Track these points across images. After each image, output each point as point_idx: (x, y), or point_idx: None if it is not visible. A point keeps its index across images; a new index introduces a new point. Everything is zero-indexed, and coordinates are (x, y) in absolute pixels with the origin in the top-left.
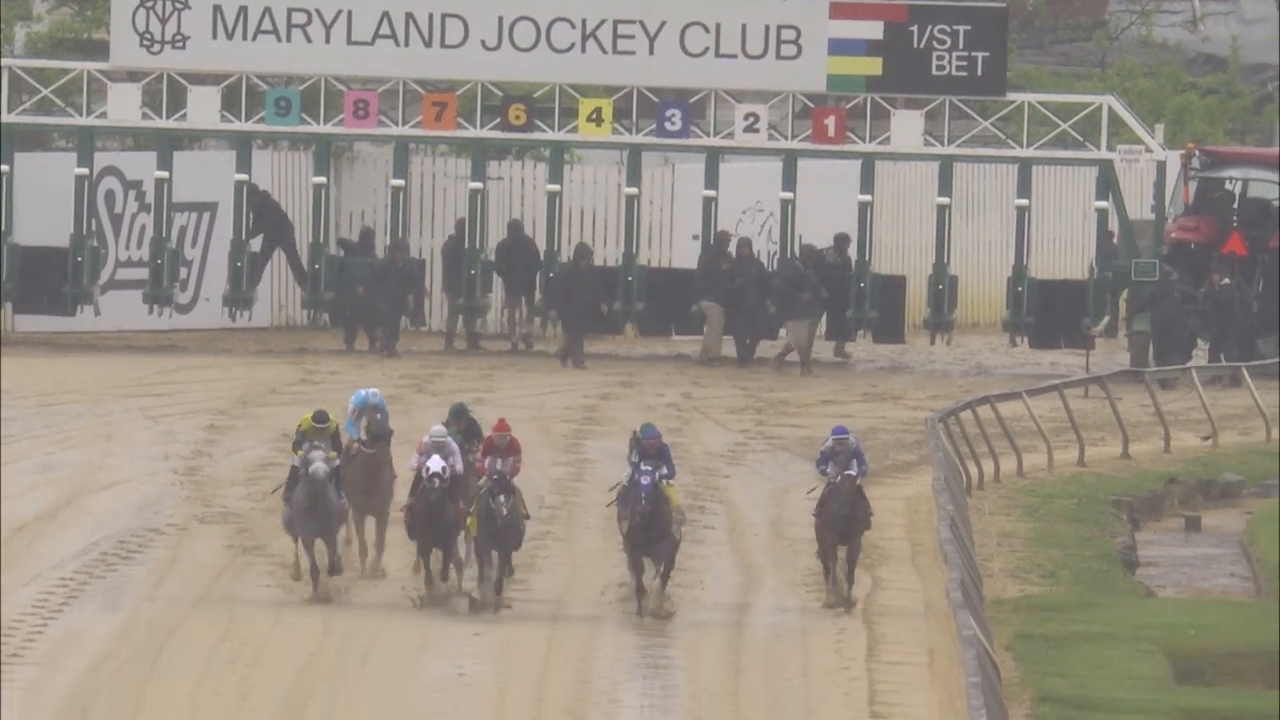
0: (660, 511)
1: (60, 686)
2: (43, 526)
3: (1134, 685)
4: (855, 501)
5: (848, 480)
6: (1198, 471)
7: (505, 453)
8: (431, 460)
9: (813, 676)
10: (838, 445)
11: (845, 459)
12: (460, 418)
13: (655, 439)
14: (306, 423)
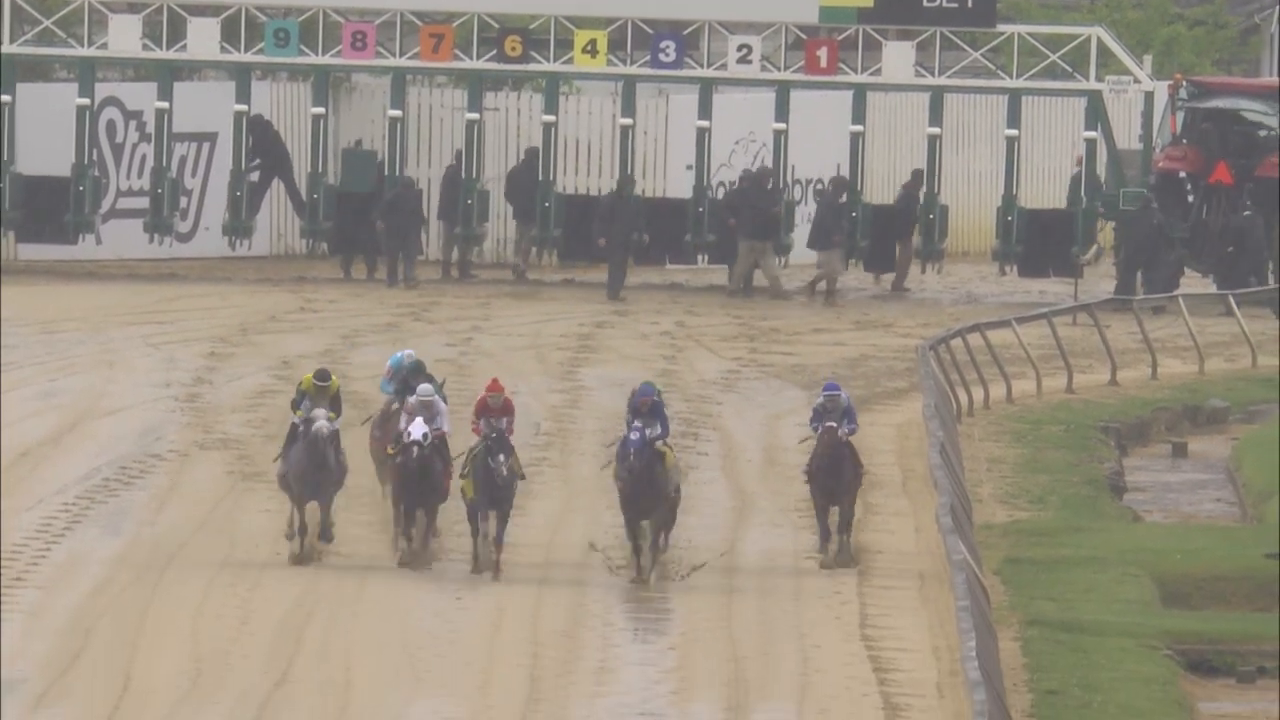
0: (654, 471)
1: (63, 610)
2: (45, 452)
3: (1121, 608)
4: (840, 457)
5: (829, 433)
6: (1184, 398)
7: (499, 413)
8: (414, 425)
9: (805, 600)
10: (829, 402)
11: (836, 417)
12: (418, 374)
13: (650, 397)
14: (308, 382)
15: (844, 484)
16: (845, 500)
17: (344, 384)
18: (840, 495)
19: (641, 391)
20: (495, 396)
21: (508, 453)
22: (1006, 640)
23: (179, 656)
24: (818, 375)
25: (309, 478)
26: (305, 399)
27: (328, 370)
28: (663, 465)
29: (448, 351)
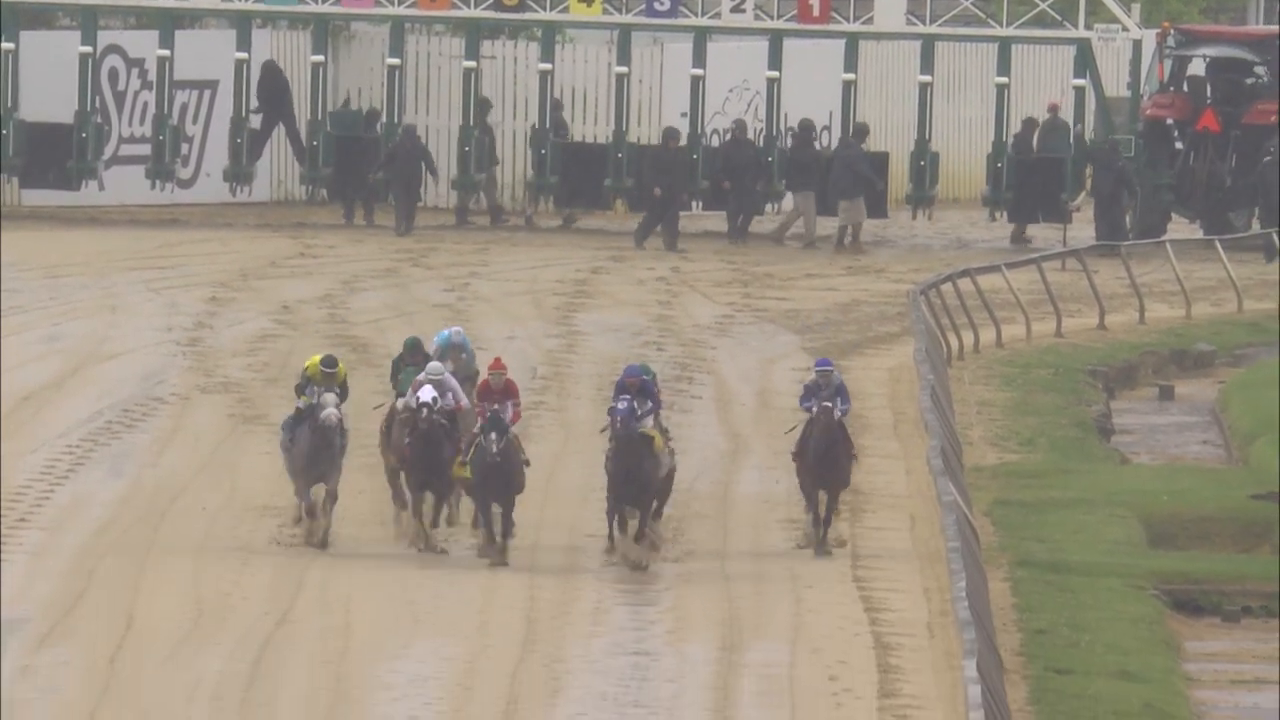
0: (642, 457)
1: (66, 551)
2: (49, 395)
3: (1108, 549)
4: (834, 438)
5: (825, 413)
6: (1171, 342)
7: (502, 395)
8: (423, 390)
9: (798, 539)
10: (821, 379)
11: (829, 394)
12: (415, 351)
13: (637, 377)
14: (314, 367)
15: (838, 469)
16: (837, 486)
17: (344, 329)
18: (833, 480)
19: (628, 371)
20: (496, 375)
21: (501, 432)
22: (996, 581)
23: (180, 597)
24: (811, 320)
25: (316, 462)
26: (311, 385)
27: (335, 357)
28: (651, 451)
29: (445, 297)
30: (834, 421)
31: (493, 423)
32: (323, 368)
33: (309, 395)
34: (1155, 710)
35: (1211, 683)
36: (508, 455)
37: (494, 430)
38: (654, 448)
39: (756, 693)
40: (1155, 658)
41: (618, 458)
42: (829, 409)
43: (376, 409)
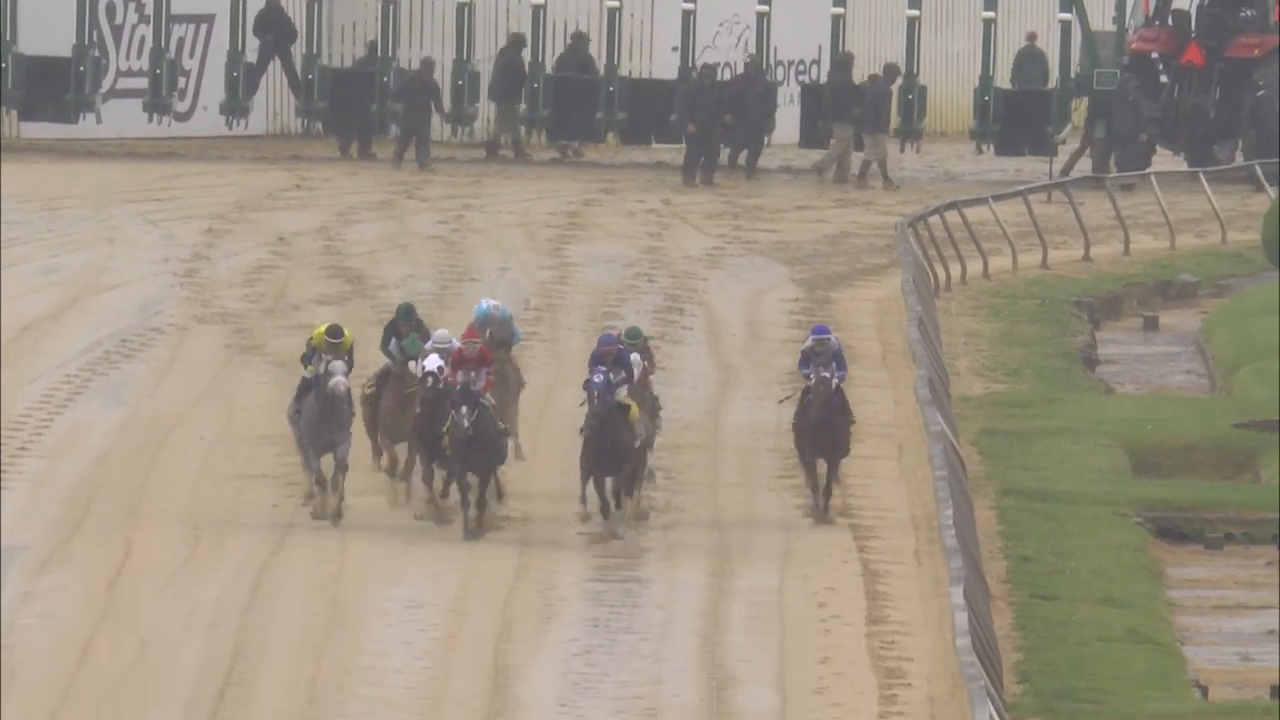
0: (618, 427)
1: (65, 479)
2: (48, 326)
3: (1094, 478)
4: (833, 407)
5: (824, 383)
6: (1155, 273)
7: (476, 364)
8: (429, 359)
9: (787, 470)
10: (818, 345)
11: (825, 360)
12: (409, 317)
13: (612, 345)
14: (319, 337)
15: (837, 438)
16: (836, 455)
17: (339, 260)
18: (831, 449)
19: (603, 340)
20: (470, 344)
21: (472, 405)
22: (982, 509)
23: (178, 525)
24: (800, 252)
25: (324, 431)
26: (316, 354)
27: (340, 326)
28: (627, 420)
29: (439, 229)
30: (832, 391)
31: (463, 395)
32: (328, 337)
33: (315, 364)
34: (1139, 635)
35: (1194, 609)
36: (482, 427)
37: (465, 403)
38: (630, 418)
39: (746, 619)
40: (1139, 584)
41: (594, 430)
42: (827, 379)
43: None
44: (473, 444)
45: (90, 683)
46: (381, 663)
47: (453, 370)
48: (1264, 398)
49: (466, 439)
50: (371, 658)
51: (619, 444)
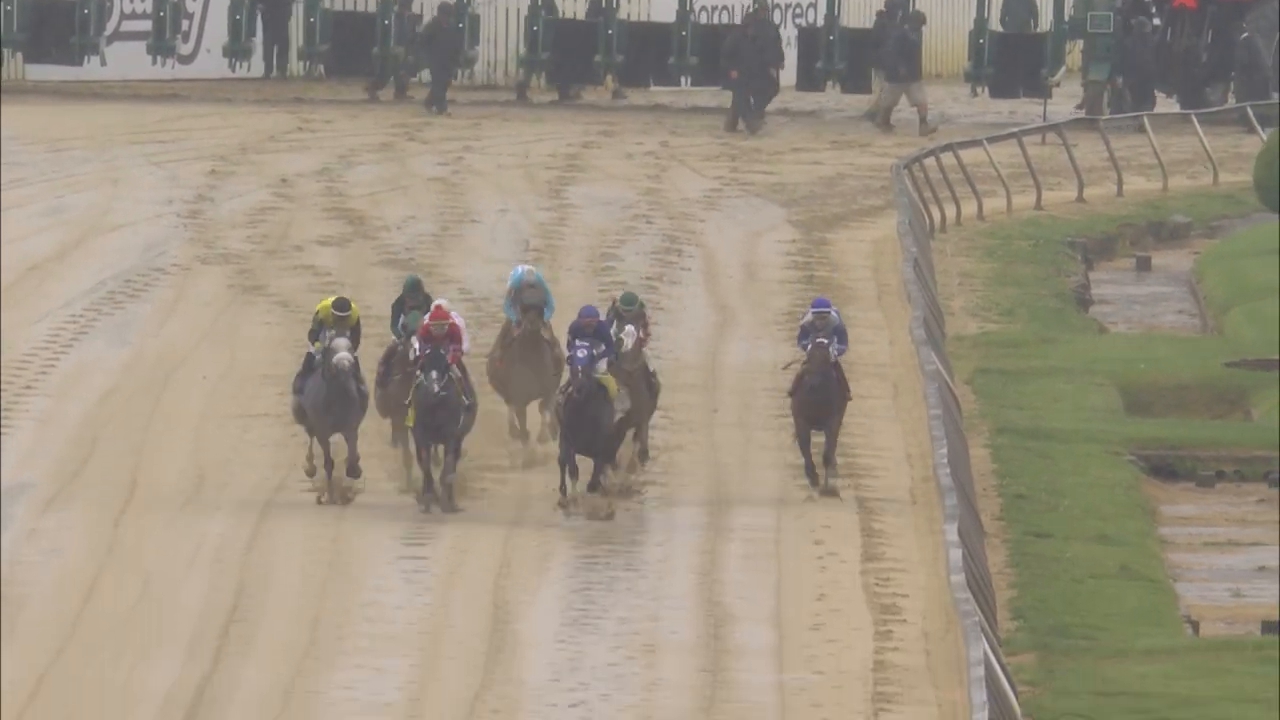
0: (597, 403)
1: (71, 417)
2: (53, 266)
3: (1087, 416)
4: (828, 376)
5: (819, 348)
6: (1148, 214)
7: (444, 341)
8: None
9: (784, 411)
10: (818, 320)
11: (826, 335)
12: (415, 292)
13: (593, 318)
14: (325, 311)
15: (831, 408)
16: (831, 426)
17: (341, 202)
18: (826, 421)
19: (584, 312)
20: (439, 324)
21: (442, 370)
22: (977, 447)
23: (183, 463)
24: (796, 194)
25: (331, 410)
26: (324, 329)
27: (347, 300)
28: (605, 396)
29: (440, 170)
30: (827, 357)
31: (432, 360)
32: (334, 311)
33: (321, 340)
34: (1131, 572)
35: (1186, 546)
36: (450, 392)
37: (434, 368)
38: (609, 395)
39: (743, 556)
40: (1131, 522)
41: (573, 406)
42: (823, 344)
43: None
44: (438, 411)
45: (95, 619)
46: (383, 599)
47: (419, 347)
48: (1255, 337)
49: (433, 405)
50: (373, 594)
51: (598, 422)
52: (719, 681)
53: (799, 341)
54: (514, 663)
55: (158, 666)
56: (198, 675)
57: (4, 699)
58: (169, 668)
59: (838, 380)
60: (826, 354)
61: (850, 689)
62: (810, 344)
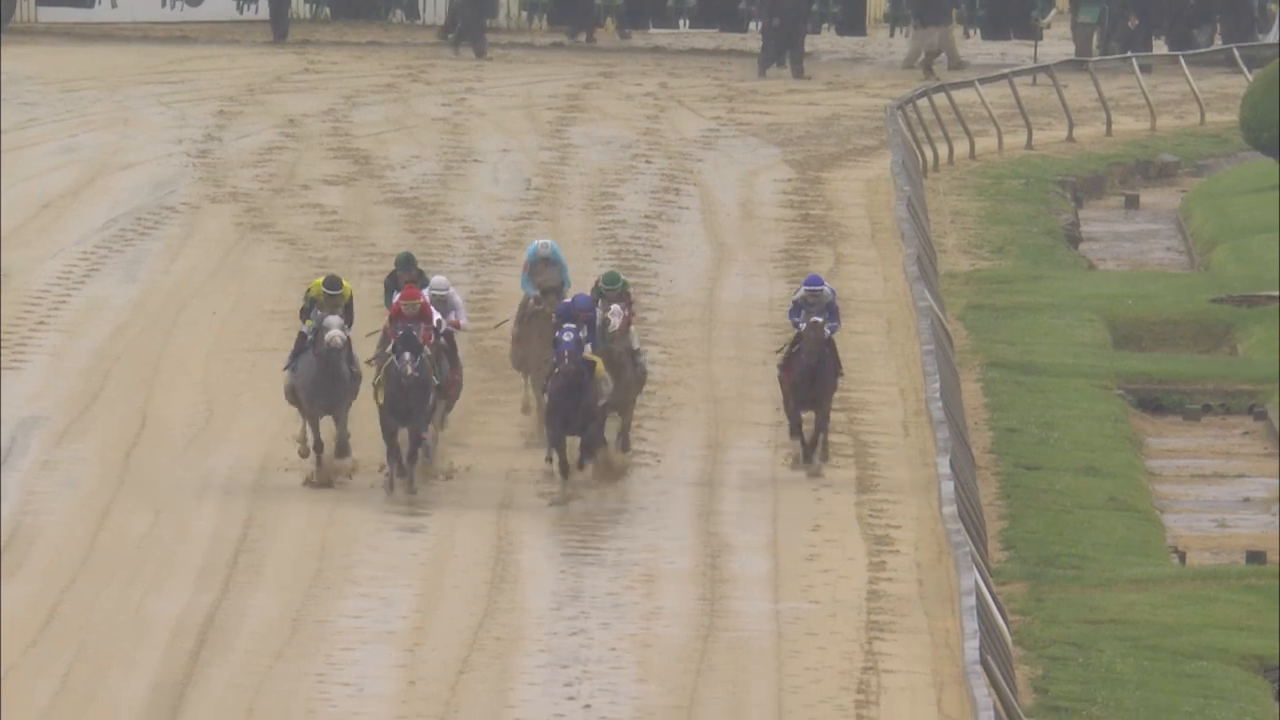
0: (584, 381)
1: (84, 352)
2: (66, 204)
3: (1076, 351)
4: (823, 355)
5: (814, 327)
6: (1137, 153)
7: (416, 320)
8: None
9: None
10: (810, 297)
11: (819, 312)
12: (409, 267)
13: (589, 311)
14: (317, 288)
15: (823, 388)
16: (823, 405)
17: (346, 142)
18: (818, 400)
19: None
20: (410, 304)
21: (415, 350)
22: (969, 382)
23: (192, 397)
24: (792, 134)
25: (322, 391)
26: (315, 307)
27: (338, 278)
28: (592, 376)
29: (443, 111)
30: (823, 337)
31: (405, 340)
32: (326, 289)
33: (313, 319)
34: (1119, 503)
35: (1173, 477)
36: (423, 374)
37: (407, 349)
38: (596, 374)
39: (740, 488)
40: (1119, 454)
41: (560, 387)
42: (818, 324)
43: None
44: (409, 393)
45: (108, 548)
46: (387, 529)
47: (389, 324)
48: (1241, 273)
49: (406, 386)
50: (377, 524)
51: (583, 403)
52: (716, 610)
53: (790, 317)
54: (516, 592)
55: (168, 595)
56: (207, 603)
57: (20, 625)
58: (179, 596)
59: (832, 359)
60: (822, 333)
61: (844, 618)
62: (804, 322)
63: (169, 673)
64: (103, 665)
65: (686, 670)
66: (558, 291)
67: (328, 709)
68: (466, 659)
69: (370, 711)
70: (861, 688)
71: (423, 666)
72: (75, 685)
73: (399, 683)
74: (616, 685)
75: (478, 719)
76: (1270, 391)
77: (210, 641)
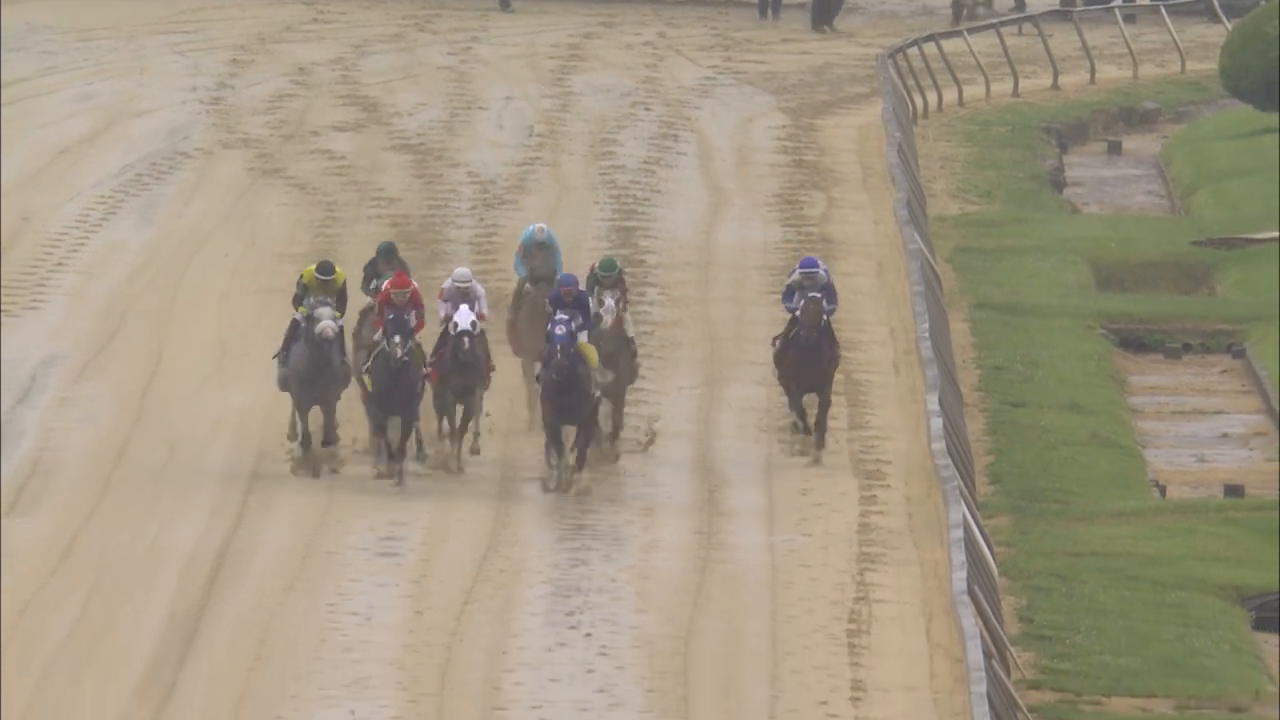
0: (578, 372)
1: (101, 293)
2: (83, 150)
3: (1061, 291)
4: (820, 333)
5: (813, 303)
6: (1119, 100)
7: (404, 309)
8: (460, 314)
9: (775, 285)
10: (806, 279)
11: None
12: (390, 257)
13: (572, 286)
14: (309, 275)
15: (821, 369)
16: (823, 388)
17: (355, 89)
18: (817, 383)
19: (564, 281)
20: (400, 292)
21: (405, 335)
22: (957, 321)
23: (206, 335)
24: (786, 82)
25: (313, 381)
26: (308, 294)
27: (331, 263)
28: (585, 366)
29: (449, 60)
30: (820, 312)
31: (395, 325)
32: (319, 275)
33: (306, 306)
34: (1102, 439)
35: (1154, 414)
36: (412, 360)
37: (398, 333)
38: (589, 363)
39: (736, 425)
40: (1102, 391)
41: (553, 383)
42: (816, 299)
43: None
44: (399, 381)
45: (125, 482)
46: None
47: (379, 312)
48: (1220, 217)
49: (395, 371)
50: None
51: (579, 391)
52: (713, 543)
53: (784, 301)
54: (519, 526)
55: (183, 527)
56: (220, 535)
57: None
58: (194, 528)
59: (829, 340)
60: (820, 307)
61: (836, 550)
62: (801, 301)
63: (184, 603)
64: (120, 596)
65: (684, 601)
66: (549, 280)
67: (338, 637)
68: (471, 590)
69: (379, 640)
70: (853, 617)
71: (429, 597)
72: (93, 615)
73: (406, 612)
74: (616, 615)
75: (482, 647)
76: (1248, 331)
77: (223, 573)
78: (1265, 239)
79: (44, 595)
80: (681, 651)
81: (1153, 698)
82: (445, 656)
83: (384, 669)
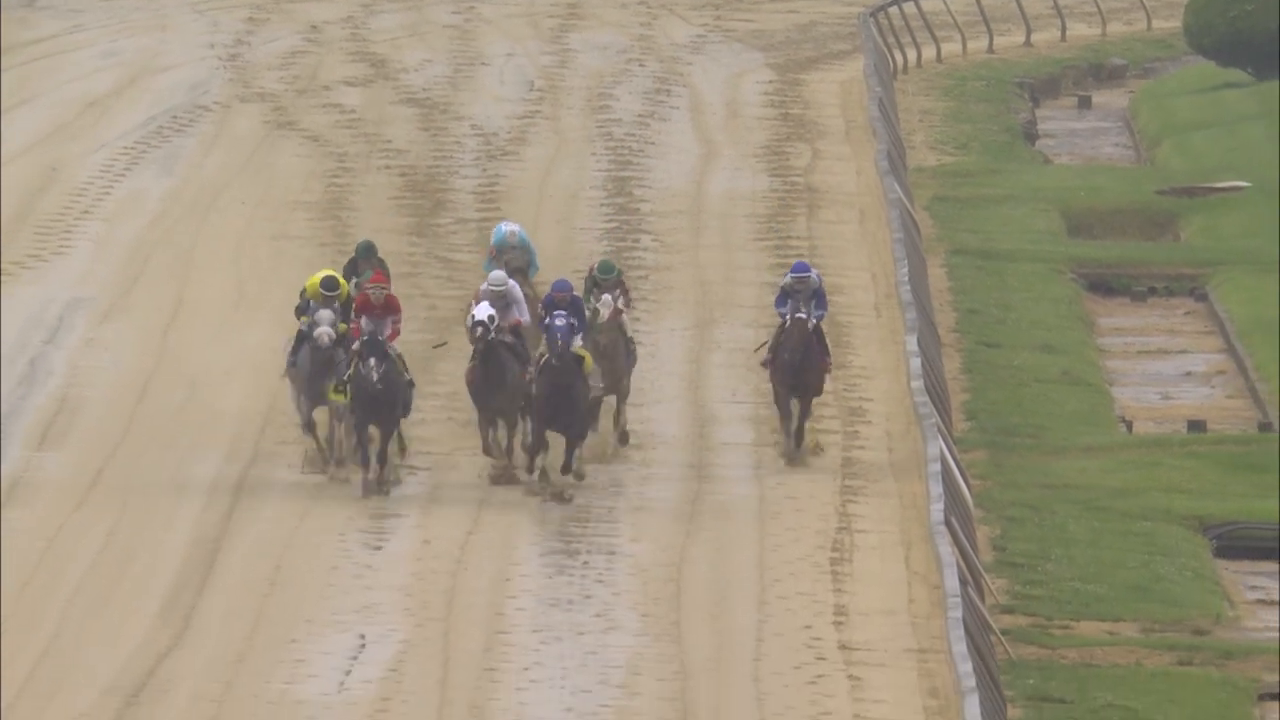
0: (573, 378)
1: (125, 240)
2: (109, 103)
3: (1033, 238)
4: (809, 349)
5: (799, 325)
6: (1089, 57)
7: (382, 312)
8: (478, 308)
9: (762, 233)
10: (797, 283)
11: (805, 298)
12: (369, 255)
13: (567, 292)
14: (313, 287)
15: (811, 377)
16: (810, 394)
17: (364, 46)
18: (805, 389)
19: (557, 286)
20: (377, 290)
21: (380, 357)
22: (934, 267)
23: (224, 280)
24: (774, 39)
25: (313, 385)
26: (312, 306)
27: (336, 278)
28: (581, 371)
29: (453, 18)
30: (808, 333)
31: (369, 346)
32: (323, 290)
33: (309, 315)
34: (1072, 377)
35: (1121, 354)
36: (389, 380)
37: (372, 355)
38: (584, 368)
39: (725, 365)
40: (1072, 332)
41: (549, 380)
42: (802, 320)
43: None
44: (379, 396)
45: (147, 419)
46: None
47: (357, 317)
48: (1183, 167)
49: (373, 393)
50: None
51: (573, 396)
52: (704, 476)
53: (777, 307)
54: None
55: (202, 462)
56: (237, 471)
57: (67, 488)
58: (212, 464)
59: (818, 348)
60: (806, 329)
61: (821, 483)
62: (788, 316)
63: (204, 530)
64: (144, 523)
65: (676, 531)
66: (524, 272)
67: (349, 564)
68: (476, 519)
69: (388, 566)
70: (836, 546)
71: (436, 526)
72: (119, 541)
73: (414, 541)
74: (613, 545)
75: (486, 574)
76: (1210, 275)
77: (241, 505)
78: (1226, 188)
79: (72, 523)
80: (674, 579)
81: (1120, 621)
82: (451, 584)
83: (393, 595)
